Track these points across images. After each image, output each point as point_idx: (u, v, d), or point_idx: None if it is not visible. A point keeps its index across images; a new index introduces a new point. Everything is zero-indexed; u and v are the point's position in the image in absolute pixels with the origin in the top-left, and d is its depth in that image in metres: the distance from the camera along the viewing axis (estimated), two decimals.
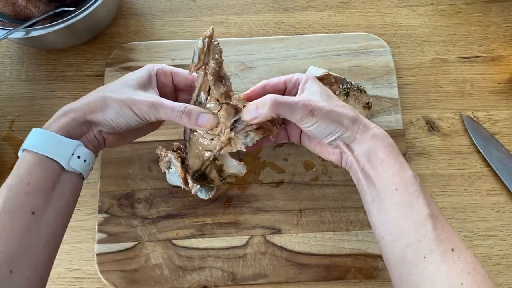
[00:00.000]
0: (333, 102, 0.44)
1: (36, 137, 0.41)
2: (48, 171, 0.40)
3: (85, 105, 0.43)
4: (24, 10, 0.56)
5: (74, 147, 0.42)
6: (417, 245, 0.38)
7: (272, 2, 0.67)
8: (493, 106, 0.61)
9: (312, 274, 0.53)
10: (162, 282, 0.52)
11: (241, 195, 0.56)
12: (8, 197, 0.38)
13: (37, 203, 0.39)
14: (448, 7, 0.67)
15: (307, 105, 0.42)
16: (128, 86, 0.44)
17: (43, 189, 0.39)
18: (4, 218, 0.37)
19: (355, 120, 0.43)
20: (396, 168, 0.41)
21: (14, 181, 0.39)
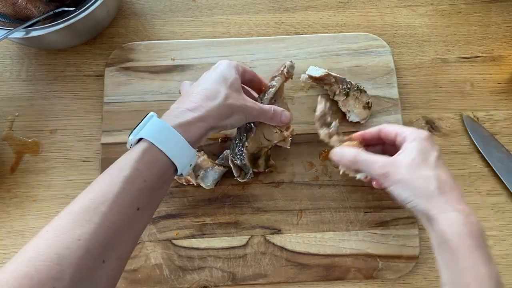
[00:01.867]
0: (418, 171, 0.43)
1: (161, 132, 0.41)
2: (163, 172, 0.41)
3: (214, 113, 0.44)
4: (24, 10, 0.56)
5: (193, 156, 0.43)
6: None
7: (272, 2, 0.67)
8: (493, 106, 0.61)
9: (312, 274, 0.53)
10: (162, 282, 0.52)
11: (241, 195, 0.56)
12: (123, 190, 0.37)
13: (144, 200, 0.39)
14: (448, 7, 0.67)
15: (383, 167, 0.44)
16: (235, 90, 0.47)
17: (153, 188, 0.40)
18: (114, 210, 0.36)
19: (434, 196, 0.42)
20: (470, 262, 0.39)
21: (133, 175, 0.38)
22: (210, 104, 0.44)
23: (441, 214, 0.41)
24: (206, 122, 0.43)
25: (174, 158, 0.41)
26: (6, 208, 0.56)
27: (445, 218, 0.41)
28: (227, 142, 0.58)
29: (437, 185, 0.42)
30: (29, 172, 0.58)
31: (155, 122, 0.41)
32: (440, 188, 0.42)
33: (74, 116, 0.60)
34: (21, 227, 0.55)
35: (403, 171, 0.43)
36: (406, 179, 0.43)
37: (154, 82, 0.60)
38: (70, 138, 0.59)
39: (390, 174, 0.44)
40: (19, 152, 0.59)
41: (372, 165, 0.45)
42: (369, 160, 0.46)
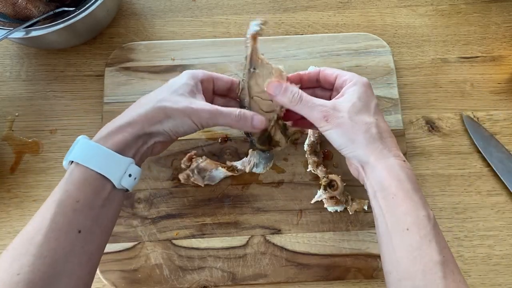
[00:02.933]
0: (357, 118, 0.42)
1: (87, 150, 0.40)
2: (98, 189, 0.40)
3: (142, 117, 0.42)
4: (24, 10, 0.56)
5: (127, 166, 0.41)
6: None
7: (272, 2, 0.67)
8: (493, 106, 0.61)
9: (312, 274, 0.53)
10: (162, 282, 0.52)
11: (241, 195, 0.56)
12: (56, 214, 0.37)
13: (84, 221, 0.38)
14: (448, 7, 0.67)
15: (324, 110, 0.42)
16: (179, 94, 0.44)
17: (91, 207, 0.39)
18: (50, 237, 0.36)
19: (372, 142, 0.41)
20: (409, 206, 0.39)
21: (63, 197, 0.38)
22: (138, 110, 0.43)
23: (380, 160, 0.41)
24: (132, 128, 0.42)
25: (103, 171, 0.39)
26: (6, 208, 0.56)
27: (384, 164, 0.41)
28: (227, 142, 0.58)
29: (377, 131, 0.42)
30: (29, 172, 0.58)
31: (80, 143, 0.41)
32: (379, 134, 0.42)
33: (74, 116, 0.60)
34: (21, 227, 0.55)
35: (344, 115, 0.42)
36: (346, 123, 0.42)
37: (154, 82, 0.60)
38: (70, 138, 0.59)
39: (330, 117, 0.42)
40: (19, 152, 0.59)
41: (313, 106, 0.43)
42: (311, 102, 0.43)
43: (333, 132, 0.43)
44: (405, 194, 0.39)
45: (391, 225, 0.39)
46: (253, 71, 0.47)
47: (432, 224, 0.38)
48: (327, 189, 0.53)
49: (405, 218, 0.38)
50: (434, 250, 0.37)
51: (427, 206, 0.40)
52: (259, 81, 0.47)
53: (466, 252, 0.55)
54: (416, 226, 0.38)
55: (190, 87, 0.45)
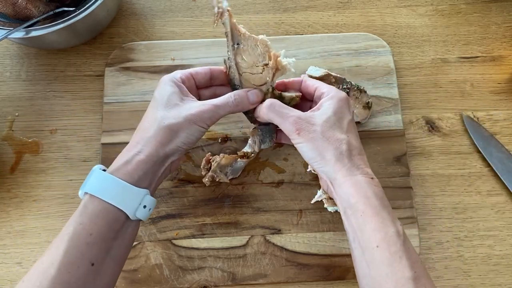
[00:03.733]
0: (329, 133, 0.42)
1: (102, 182, 0.40)
2: (112, 221, 0.39)
3: (152, 142, 0.42)
4: (24, 10, 0.56)
5: (142, 197, 0.41)
6: None
7: (272, 2, 0.67)
8: (493, 106, 0.61)
9: (312, 274, 0.53)
10: (162, 282, 0.52)
11: (241, 195, 0.56)
12: (69, 247, 0.37)
13: (97, 254, 0.38)
14: (448, 7, 0.67)
15: (296, 122, 0.42)
16: (174, 106, 0.43)
17: (104, 239, 0.39)
18: (63, 271, 0.36)
19: (340, 159, 0.41)
20: (377, 223, 0.38)
21: (77, 230, 0.38)
22: (145, 135, 0.42)
23: (347, 177, 0.41)
24: (146, 156, 0.41)
25: (118, 204, 0.39)
26: (6, 208, 0.56)
27: (351, 181, 0.41)
28: (227, 142, 0.58)
29: (347, 148, 0.42)
30: (29, 172, 0.58)
31: (95, 174, 0.41)
32: (348, 151, 0.42)
33: (74, 116, 0.60)
34: (21, 227, 0.55)
35: (316, 129, 0.42)
36: (318, 138, 0.42)
37: (154, 82, 0.60)
38: (70, 138, 0.59)
39: (302, 130, 0.42)
40: (19, 152, 0.59)
41: (286, 117, 0.43)
42: (285, 111, 0.44)
43: (303, 145, 0.43)
44: (373, 211, 0.39)
45: (362, 242, 0.39)
46: (237, 46, 0.46)
47: (402, 240, 0.38)
48: None
49: (375, 235, 0.38)
50: (405, 266, 0.37)
51: (397, 221, 0.39)
52: (245, 56, 0.46)
53: (466, 252, 0.55)
54: (386, 243, 0.38)
55: (178, 94, 0.44)
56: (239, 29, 0.46)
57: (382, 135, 0.58)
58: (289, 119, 0.43)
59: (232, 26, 0.46)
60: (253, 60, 0.46)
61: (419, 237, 0.54)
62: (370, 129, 0.58)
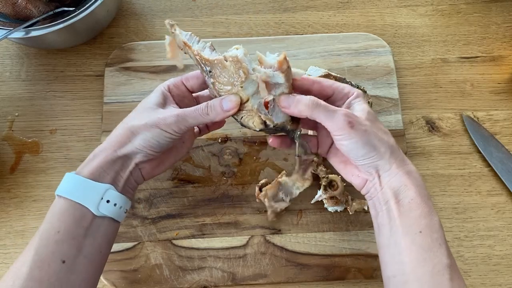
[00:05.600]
0: (377, 125, 0.42)
1: (67, 182, 0.41)
2: (78, 218, 0.40)
3: (112, 142, 0.43)
4: (24, 10, 0.56)
5: (103, 192, 0.41)
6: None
7: (272, 2, 0.67)
8: (493, 106, 0.61)
9: (312, 274, 0.53)
10: (162, 282, 0.52)
11: (241, 195, 0.56)
12: (39, 245, 0.38)
13: (68, 251, 0.38)
14: (448, 7, 0.67)
15: (348, 116, 0.40)
16: (147, 109, 0.44)
17: (73, 236, 0.39)
18: (34, 269, 0.37)
19: (394, 151, 0.41)
20: (425, 210, 0.39)
21: (45, 229, 0.39)
22: (111, 135, 0.44)
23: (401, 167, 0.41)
24: (104, 153, 0.42)
25: (79, 200, 0.40)
26: (6, 208, 0.56)
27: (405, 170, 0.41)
28: (227, 142, 0.58)
29: (394, 141, 0.42)
30: (29, 172, 0.58)
31: (64, 177, 0.42)
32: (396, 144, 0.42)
33: (74, 116, 0.60)
34: (21, 227, 0.55)
35: (367, 122, 0.41)
36: (371, 132, 0.40)
37: (154, 82, 0.60)
38: (70, 138, 0.59)
39: (356, 123, 0.39)
40: (19, 152, 0.59)
41: (335, 113, 0.40)
42: (329, 106, 0.40)
43: (357, 141, 0.40)
44: (422, 199, 0.40)
45: (403, 228, 0.39)
46: (210, 74, 0.43)
47: (442, 230, 0.39)
48: (327, 189, 0.53)
49: (419, 221, 0.39)
50: (443, 254, 0.38)
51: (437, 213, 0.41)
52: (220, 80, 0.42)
53: (466, 252, 0.55)
54: (429, 229, 0.39)
55: (158, 100, 0.44)
56: (203, 56, 0.42)
57: None
58: (339, 112, 0.40)
59: (197, 55, 0.43)
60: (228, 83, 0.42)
61: None
62: None
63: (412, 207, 0.40)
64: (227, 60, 0.41)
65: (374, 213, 0.42)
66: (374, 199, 0.42)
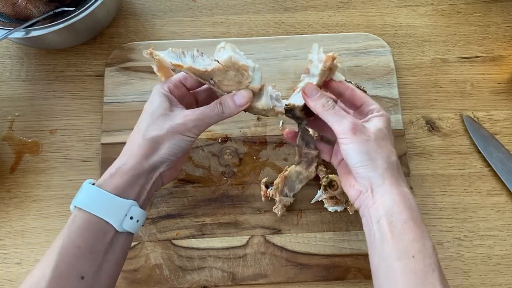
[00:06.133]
0: (382, 143, 0.42)
1: (89, 195, 0.40)
2: (100, 233, 0.39)
3: (135, 155, 0.42)
4: (24, 10, 0.56)
5: (128, 208, 0.41)
6: None
7: (272, 2, 0.67)
8: (493, 106, 0.61)
9: (312, 274, 0.53)
10: (162, 282, 0.52)
11: (241, 195, 0.56)
12: (58, 261, 0.37)
13: (87, 267, 0.38)
14: (448, 7, 0.67)
15: (355, 123, 0.42)
16: (159, 116, 0.43)
17: (93, 252, 0.39)
18: (53, 284, 0.36)
19: (391, 168, 0.42)
20: (418, 234, 0.39)
21: (65, 244, 0.38)
22: (130, 147, 0.43)
23: (394, 186, 0.41)
24: (129, 168, 0.41)
25: (103, 215, 0.39)
26: (6, 208, 0.56)
27: (399, 191, 0.41)
28: (227, 142, 0.58)
29: (396, 160, 0.43)
30: (29, 172, 0.58)
31: (84, 188, 0.41)
32: (397, 164, 0.43)
33: (74, 116, 0.60)
34: (21, 227, 0.55)
35: (370, 134, 0.42)
36: (371, 142, 0.41)
37: (154, 82, 0.60)
38: (70, 138, 0.59)
39: (359, 131, 0.42)
40: (19, 152, 0.59)
41: (343, 118, 0.42)
42: (342, 111, 0.43)
43: (355, 146, 0.42)
44: (414, 222, 0.39)
45: (395, 252, 0.39)
46: (213, 82, 0.44)
47: (436, 255, 0.39)
48: (327, 189, 0.53)
49: (412, 245, 0.39)
50: (436, 279, 0.37)
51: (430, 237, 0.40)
52: (225, 84, 0.44)
53: (466, 252, 0.55)
54: (422, 254, 0.38)
55: (165, 104, 0.44)
56: (198, 69, 0.43)
57: None
58: (348, 118, 0.42)
59: (191, 71, 0.43)
60: (235, 83, 0.43)
61: None
62: None
63: (405, 230, 0.39)
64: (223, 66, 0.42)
65: (367, 231, 0.42)
66: (366, 216, 0.42)
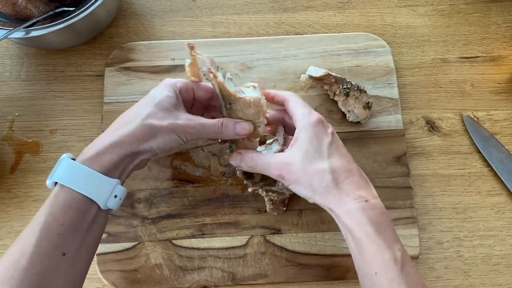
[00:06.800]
0: (313, 165, 0.42)
1: (73, 171, 0.40)
2: (83, 211, 0.39)
3: (130, 137, 0.42)
4: (24, 10, 0.56)
5: (114, 187, 0.41)
6: None
7: (272, 2, 0.67)
8: (493, 106, 0.61)
9: (312, 274, 0.53)
10: (162, 282, 0.52)
11: (241, 195, 0.56)
12: (40, 238, 0.37)
13: (69, 244, 0.38)
14: (448, 7, 0.67)
15: (278, 169, 0.43)
16: (163, 109, 0.43)
17: (77, 230, 0.39)
18: (35, 261, 0.36)
19: (328, 192, 0.41)
20: (373, 250, 0.39)
21: (48, 221, 0.38)
22: (125, 128, 0.42)
23: (339, 207, 0.41)
24: (120, 148, 0.41)
25: (89, 194, 0.39)
26: (6, 208, 0.56)
27: (344, 210, 0.41)
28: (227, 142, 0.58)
29: (331, 178, 0.41)
30: (29, 172, 0.58)
31: (65, 163, 0.40)
32: (334, 180, 0.41)
33: (74, 116, 0.60)
34: (21, 227, 0.55)
35: (297, 169, 0.42)
36: (301, 177, 0.42)
37: (154, 82, 0.60)
38: (70, 138, 0.59)
39: (285, 174, 0.43)
40: (19, 152, 0.59)
41: (268, 168, 0.44)
42: (266, 162, 0.44)
43: (294, 187, 0.43)
44: (368, 239, 0.39)
45: (362, 268, 0.40)
46: (229, 106, 0.45)
47: (400, 266, 0.38)
48: None
49: (372, 262, 0.39)
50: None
51: (395, 246, 0.39)
52: (239, 115, 0.46)
53: (466, 252, 0.55)
54: (384, 269, 0.38)
55: (172, 100, 0.44)
56: (227, 90, 0.44)
57: (382, 135, 0.58)
58: (271, 166, 0.44)
59: (221, 88, 0.44)
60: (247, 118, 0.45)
61: (419, 237, 0.54)
62: (370, 129, 0.58)
63: (362, 248, 0.39)
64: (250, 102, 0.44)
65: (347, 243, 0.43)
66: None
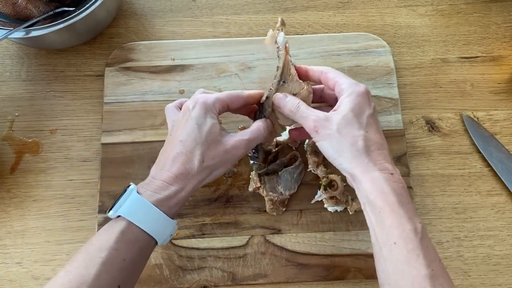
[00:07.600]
0: (345, 131, 0.42)
1: (144, 211, 0.41)
2: (144, 247, 0.41)
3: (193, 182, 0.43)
4: (24, 10, 0.56)
5: (173, 227, 0.43)
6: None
7: (272, 2, 0.67)
8: (493, 106, 0.61)
9: (312, 274, 0.53)
10: (162, 282, 0.52)
11: (241, 195, 0.56)
12: (101, 272, 0.38)
13: (126, 278, 0.40)
14: (448, 7, 0.67)
15: (316, 121, 0.44)
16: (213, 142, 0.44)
17: (134, 264, 0.40)
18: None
19: (358, 156, 0.41)
20: (394, 220, 0.39)
21: (112, 256, 0.39)
22: (189, 172, 0.43)
23: (364, 173, 0.41)
24: (186, 192, 0.43)
25: (154, 234, 0.41)
26: (6, 208, 0.56)
27: (369, 178, 0.41)
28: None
29: (364, 144, 0.42)
30: (29, 172, 0.58)
31: (134, 198, 0.41)
32: (366, 147, 0.42)
33: (74, 116, 0.60)
34: (21, 227, 0.55)
35: (333, 127, 0.42)
36: (334, 136, 0.42)
37: (154, 82, 0.60)
38: (70, 138, 0.59)
39: (320, 128, 0.43)
40: (19, 152, 0.59)
41: (307, 117, 0.44)
42: (306, 113, 0.45)
43: (323, 143, 0.44)
44: (390, 208, 0.39)
45: (380, 238, 0.40)
46: (282, 84, 0.48)
47: (420, 237, 0.38)
48: (327, 189, 0.53)
49: (392, 232, 0.39)
50: (421, 264, 0.37)
51: (416, 218, 0.39)
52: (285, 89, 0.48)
53: (466, 252, 0.55)
54: (403, 240, 0.38)
55: (216, 127, 0.45)
56: (290, 69, 0.48)
57: None
58: (310, 117, 0.44)
59: (286, 64, 0.47)
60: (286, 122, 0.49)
61: None
62: None
63: (383, 217, 0.39)
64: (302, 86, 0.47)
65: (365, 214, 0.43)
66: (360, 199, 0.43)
